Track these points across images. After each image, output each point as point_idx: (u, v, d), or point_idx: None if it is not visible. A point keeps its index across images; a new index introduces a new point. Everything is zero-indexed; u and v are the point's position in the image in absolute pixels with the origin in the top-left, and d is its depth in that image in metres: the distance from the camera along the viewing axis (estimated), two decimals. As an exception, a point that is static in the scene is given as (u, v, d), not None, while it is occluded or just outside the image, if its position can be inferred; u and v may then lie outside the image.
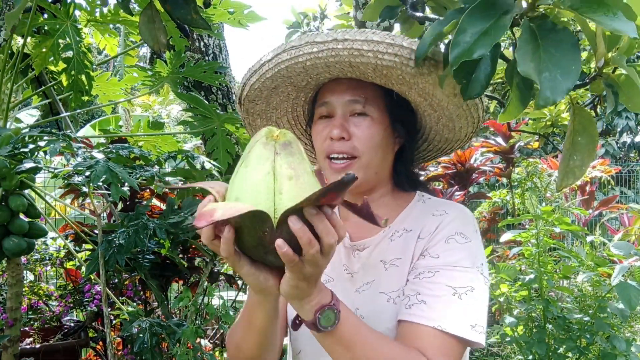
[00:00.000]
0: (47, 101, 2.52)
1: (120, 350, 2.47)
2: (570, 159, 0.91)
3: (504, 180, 4.57)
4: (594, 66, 0.93)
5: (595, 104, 1.54)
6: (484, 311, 0.83)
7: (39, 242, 2.82)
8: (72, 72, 2.06)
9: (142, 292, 2.52)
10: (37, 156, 1.68)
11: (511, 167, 3.97)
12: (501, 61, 0.83)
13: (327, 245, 0.63)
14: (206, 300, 2.32)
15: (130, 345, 2.24)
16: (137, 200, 2.52)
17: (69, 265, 2.86)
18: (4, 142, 1.72)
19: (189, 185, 0.77)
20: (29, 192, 2.01)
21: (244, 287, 2.78)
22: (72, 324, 2.62)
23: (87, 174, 1.57)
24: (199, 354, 2.04)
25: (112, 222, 2.40)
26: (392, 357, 0.75)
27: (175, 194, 2.35)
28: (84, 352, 2.61)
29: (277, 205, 0.63)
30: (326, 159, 0.93)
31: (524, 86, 0.79)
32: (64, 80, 2.09)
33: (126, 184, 1.65)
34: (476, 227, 0.91)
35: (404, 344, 0.79)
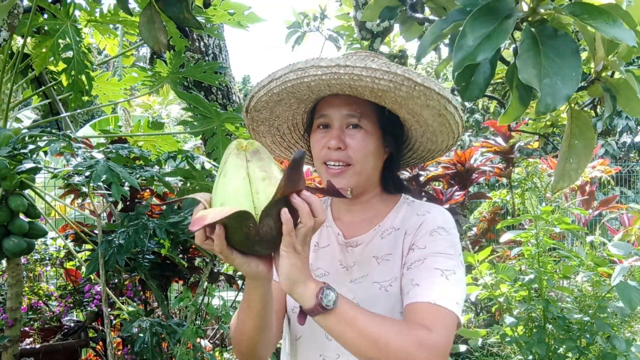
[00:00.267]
0: (47, 101, 2.52)
1: (120, 350, 2.47)
2: (566, 162, 0.91)
3: (504, 180, 4.57)
4: (593, 67, 0.93)
5: (595, 104, 1.54)
6: (464, 292, 0.97)
7: (39, 242, 2.82)
8: (72, 72, 2.06)
9: (142, 292, 2.52)
10: (37, 156, 1.68)
11: (511, 167, 3.97)
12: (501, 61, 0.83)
13: (307, 223, 0.78)
14: (206, 300, 2.32)
15: (130, 345, 2.24)
16: (137, 200, 2.52)
17: (69, 265, 2.86)
18: (4, 142, 1.73)
19: (180, 199, 0.86)
20: (29, 192, 2.01)
21: (244, 287, 2.77)
22: (72, 324, 2.62)
23: (87, 174, 1.57)
24: (199, 354, 2.04)
25: (112, 222, 2.40)
26: (394, 325, 0.86)
27: (175, 194, 2.35)
28: (84, 352, 2.61)
29: (256, 204, 0.76)
30: (323, 164, 1.05)
31: (524, 89, 0.80)
32: (64, 80, 2.09)
33: (126, 183, 1.65)
34: (454, 225, 1.04)
35: (403, 321, 0.91)
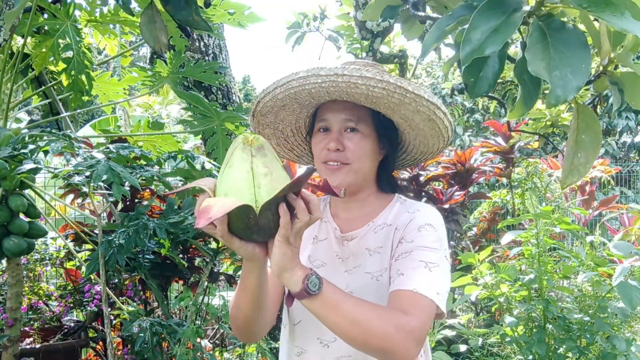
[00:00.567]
0: (47, 101, 2.52)
1: (120, 350, 2.47)
2: (574, 157, 0.91)
3: (504, 180, 4.57)
4: (595, 66, 0.93)
5: (595, 104, 1.54)
6: (447, 284, 1.04)
7: (39, 242, 2.82)
8: (72, 72, 2.06)
9: (142, 292, 2.51)
10: (37, 156, 1.68)
11: (511, 167, 3.97)
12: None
13: (303, 219, 0.85)
14: (206, 300, 2.32)
15: (130, 345, 2.24)
16: (137, 200, 2.52)
17: (69, 265, 2.86)
18: (4, 142, 1.72)
19: (185, 187, 0.94)
20: (29, 192, 2.01)
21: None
22: (72, 324, 2.62)
23: (87, 173, 1.57)
24: (199, 354, 2.04)
25: (112, 222, 2.40)
26: (376, 309, 0.93)
27: (175, 194, 2.35)
28: (84, 352, 2.61)
29: (257, 197, 0.81)
30: (323, 164, 1.14)
31: (532, 84, 0.80)
32: (64, 80, 2.09)
33: (127, 183, 1.65)
34: (442, 223, 1.11)
35: (384, 306, 0.98)
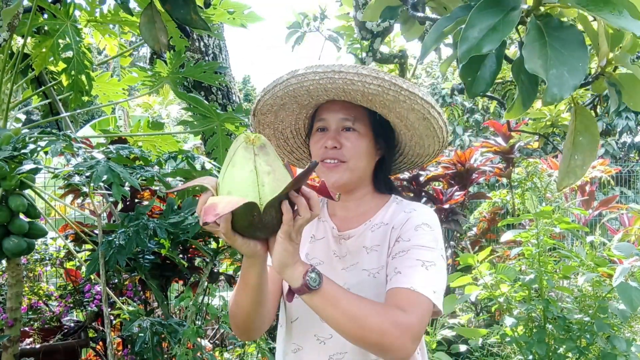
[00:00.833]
0: (47, 101, 2.52)
1: (120, 350, 2.47)
2: (571, 159, 0.91)
3: (504, 180, 4.57)
4: (594, 66, 0.93)
5: (595, 104, 1.54)
6: (443, 283, 1.06)
7: (39, 242, 2.82)
8: (72, 72, 2.06)
9: (142, 292, 2.51)
10: (37, 156, 1.68)
11: (511, 167, 3.97)
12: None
13: (304, 216, 0.87)
14: (206, 300, 2.32)
15: (130, 345, 2.24)
16: (137, 200, 2.52)
17: (69, 265, 2.86)
18: (4, 142, 1.72)
19: (187, 185, 0.92)
20: (29, 192, 2.01)
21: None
22: (72, 324, 2.62)
23: (87, 174, 1.57)
24: (199, 354, 2.04)
25: (112, 222, 2.40)
26: (375, 307, 0.95)
27: (175, 194, 2.35)
28: (84, 352, 2.61)
29: (261, 195, 0.82)
30: (320, 162, 1.15)
31: (530, 83, 0.80)
32: (64, 80, 2.09)
33: (127, 183, 1.65)
34: (438, 223, 1.13)
35: (382, 303, 1.01)
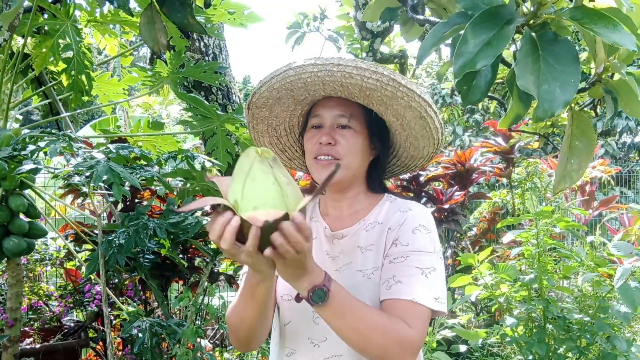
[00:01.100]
0: (47, 101, 2.52)
1: (120, 350, 2.47)
2: (567, 163, 0.91)
3: (504, 180, 4.57)
4: (594, 67, 0.93)
5: (594, 104, 1.54)
6: (444, 286, 1.06)
7: (39, 242, 2.82)
8: (72, 72, 2.06)
9: (142, 292, 2.52)
10: (37, 156, 1.68)
11: (511, 167, 3.97)
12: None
13: (298, 249, 0.82)
14: (206, 300, 2.32)
15: (130, 345, 2.24)
16: (137, 200, 2.52)
17: (69, 265, 2.86)
18: (4, 142, 1.73)
19: (197, 205, 0.88)
20: (29, 192, 2.01)
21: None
22: (72, 324, 2.62)
23: (87, 174, 1.57)
24: (199, 354, 2.04)
25: (112, 222, 2.40)
26: (379, 322, 0.95)
27: (175, 194, 2.35)
28: (84, 352, 2.61)
29: (288, 206, 0.81)
30: (314, 159, 1.13)
31: (523, 94, 0.80)
32: (64, 80, 2.09)
33: (127, 183, 1.65)
34: (434, 222, 1.13)
35: (387, 314, 1.00)
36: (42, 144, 1.66)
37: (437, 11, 1.18)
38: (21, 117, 3.19)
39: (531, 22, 0.76)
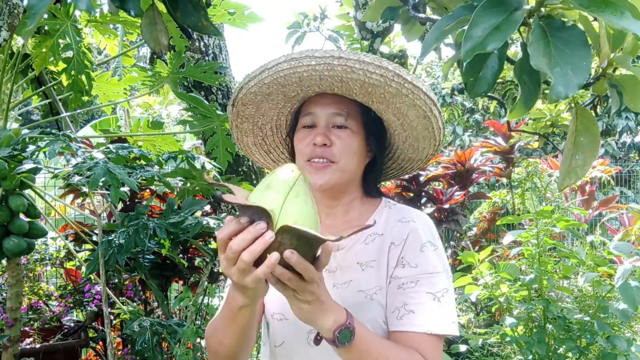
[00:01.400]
0: (47, 101, 2.52)
1: (120, 350, 2.47)
2: (572, 159, 0.91)
3: (504, 180, 4.57)
4: (595, 67, 0.93)
5: (595, 104, 1.54)
6: (454, 304, 1.00)
7: (39, 242, 2.82)
8: (72, 72, 2.06)
9: (142, 292, 2.52)
10: (37, 156, 1.68)
11: (511, 167, 3.97)
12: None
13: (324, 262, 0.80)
14: (206, 300, 2.32)
15: (130, 345, 2.24)
16: (137, 200, 2.52)
17: (69, 265, 2.86)
18: (4, 142, 1.72)
19: (247, 203, 0.81)
20: (29, 192, 2.01)
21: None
22: (72, 324, 2.62)
23: (87, 174, 1.57)
24: (199, 354, 2.04)
25: (112, 222, 2.40)
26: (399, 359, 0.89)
27: (175, 194, 2.35)
28: (84, 352, 2.61)
29: (319, 231, 0.79)
30: (306, 161, 1.03)
31: (532, 83, 0.80)
32: (64, 80, 2.09)
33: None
34: (437, 233, 1.06)
35: (405, 347, 0.93)
36: (42, 144, 1.66)
37: (438, 11, 1.18)
38: (21, 117, 3.20)
39: (537, 12, 0.77)
